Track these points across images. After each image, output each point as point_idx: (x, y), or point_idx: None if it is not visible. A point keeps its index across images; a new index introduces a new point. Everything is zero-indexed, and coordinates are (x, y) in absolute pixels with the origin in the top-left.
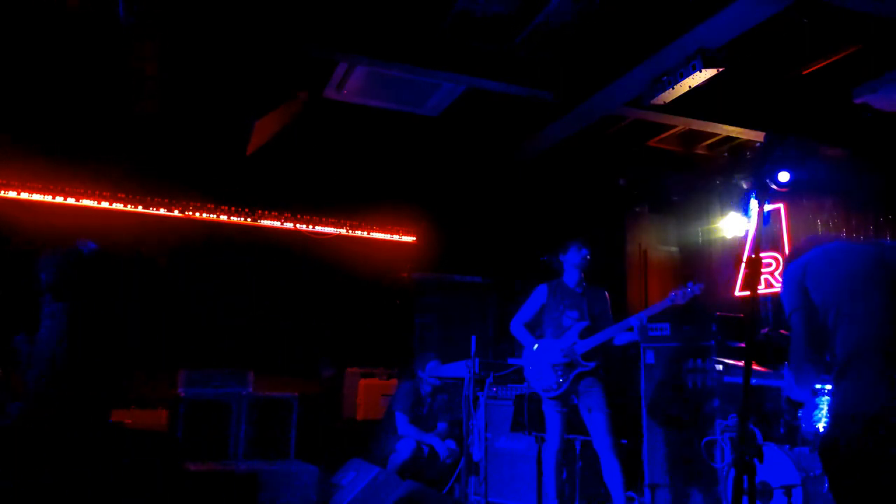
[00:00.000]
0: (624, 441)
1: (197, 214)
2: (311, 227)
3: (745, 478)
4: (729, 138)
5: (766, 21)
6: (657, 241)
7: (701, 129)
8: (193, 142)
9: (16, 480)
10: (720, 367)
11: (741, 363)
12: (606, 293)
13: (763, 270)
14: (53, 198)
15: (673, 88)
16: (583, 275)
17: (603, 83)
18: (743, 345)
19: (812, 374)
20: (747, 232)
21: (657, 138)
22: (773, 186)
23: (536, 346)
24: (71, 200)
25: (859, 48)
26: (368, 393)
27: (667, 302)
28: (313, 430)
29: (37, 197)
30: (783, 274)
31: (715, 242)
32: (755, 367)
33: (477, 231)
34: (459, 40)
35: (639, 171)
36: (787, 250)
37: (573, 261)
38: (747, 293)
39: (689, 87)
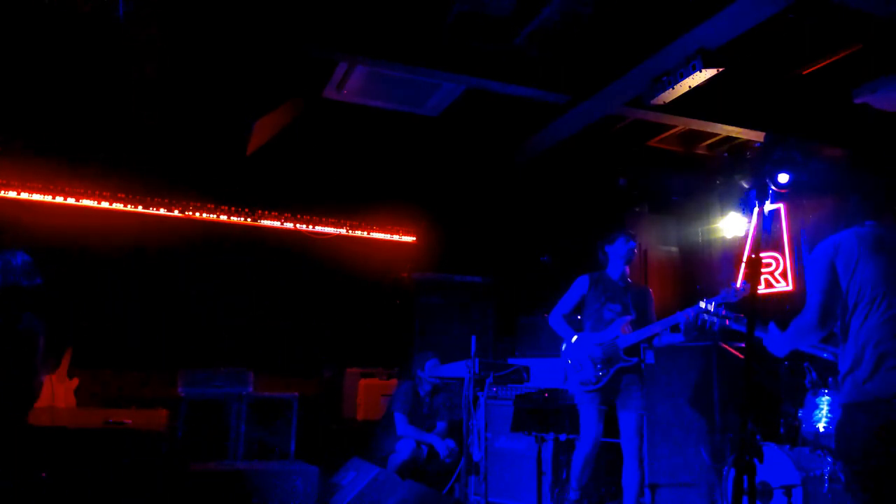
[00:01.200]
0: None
1: (197, 214)
2: (311, 227)
3: (745, 478)
4: (729, 138)
5: (766, 21)
6: (657, 241)
7: (701, 129)
8: (193, 142)
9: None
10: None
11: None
12: (651, 291)
13: (763, 270)
14: (53, 198)
15: (673, 88)
16: (628, 268)
17: (603, 83)
18: (743, 345)
19: (804, 347)
20: (747, 232)
21: (657, 138)
22: (773, 188)
23: (575, 337)
24: (71, 200)
25: (859, 48)
26: (368, 393)
27: (719, 298)
28: (313, 430)
29: (37, 197)
30: (814, 251)
31: (715, 242)
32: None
33: (477, 231)
34: (460, 40)
35: (639, 171)
36: (787, 250)
37: (620, 252)
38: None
39: (689, 87)
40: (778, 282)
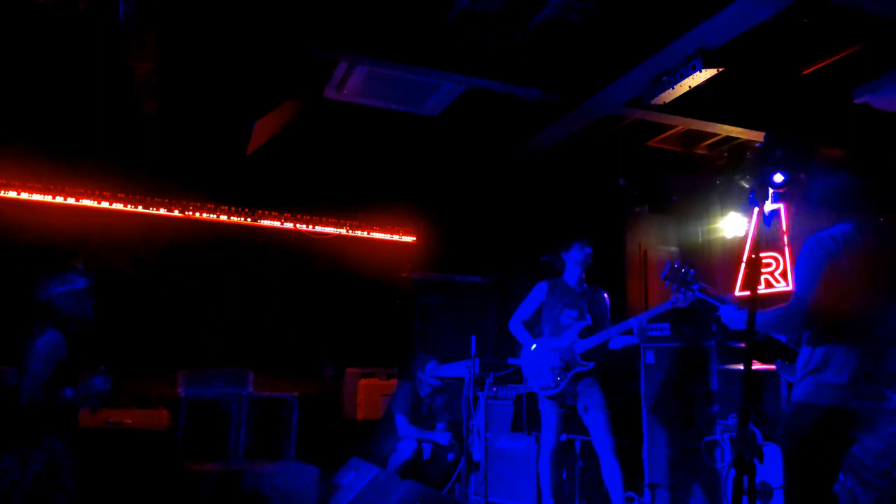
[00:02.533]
0: (626, 441)
1: (197, 214)
2: (311, 227)
3: (745, 478)
4: (729, 138)
5: (766, 21)
6: (657, 241)
7: (701, 129)
8: (193, 142)
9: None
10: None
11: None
12: (606, 294)
13: (763, 270)
14: (53, 198)
15: (673, 88)
16: (584, 274)
17: (603, 83)
18: (743, 345)
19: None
20: (747, 232)
21: (657, 138)
22: (772, 188)
23: (534, 345)
24: (71, 200)
25: (859, 48)
26: (368, 393)
27: (667, 304)
28: (313, 430)
29: (37, 197)
30: (808, 242)
31: (715, 242)
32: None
33: (477, 231)
34: (460, 40)
35: (639, 171)
36: (787, 250)
37: (576, 258)
38: (747, 293)
39: (689, 87)
40: (778, 282)
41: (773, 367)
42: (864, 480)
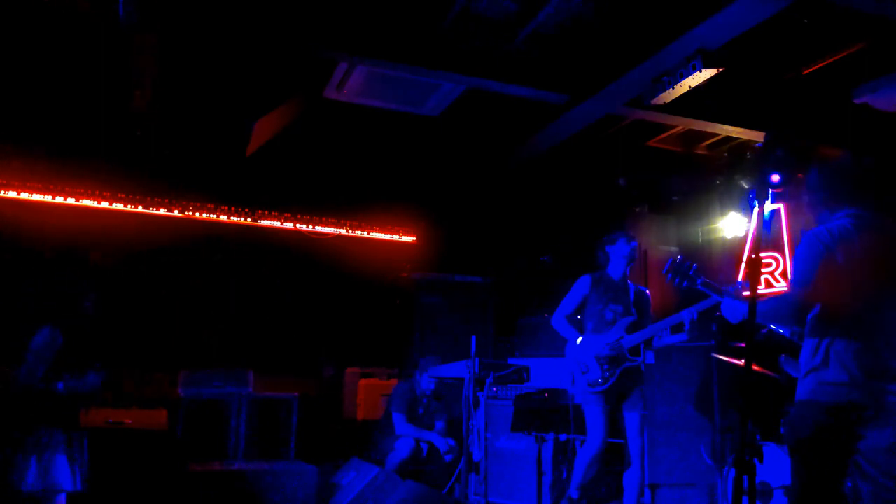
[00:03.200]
0: (623, 441)
1: (197, 214)
2: (311, 227)
3: (745, 478)
4: (729, 138)
5: (766, 21)
6: (657, 241)
7: (701, 129)
8: (193, 142)
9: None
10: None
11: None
12: (649, 293)
13: (763, 270)
14: (53, 198)
15: (673, 88)
16: (629, 269)
17: (603, 83)
18: (743, 345)
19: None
20: (747, 232)
21: (657, 138)
22: (772, 189)
23: (580, 339)
24: (71, 200)
25: (859, 48)
26: (368, 393)
27: (716, 299)
28: (313, 430)
29: (37, 197)
30: (806, 236)
31: (715, 242)
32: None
33: (477, 231)
34: (459, 40)
35: (639, 171)
36: (787, 250)
37: (622, 252)
38: (747, 293)
39: (689, 87)
40: (778, 282)
41: (771, 374)
42: (868, 477)
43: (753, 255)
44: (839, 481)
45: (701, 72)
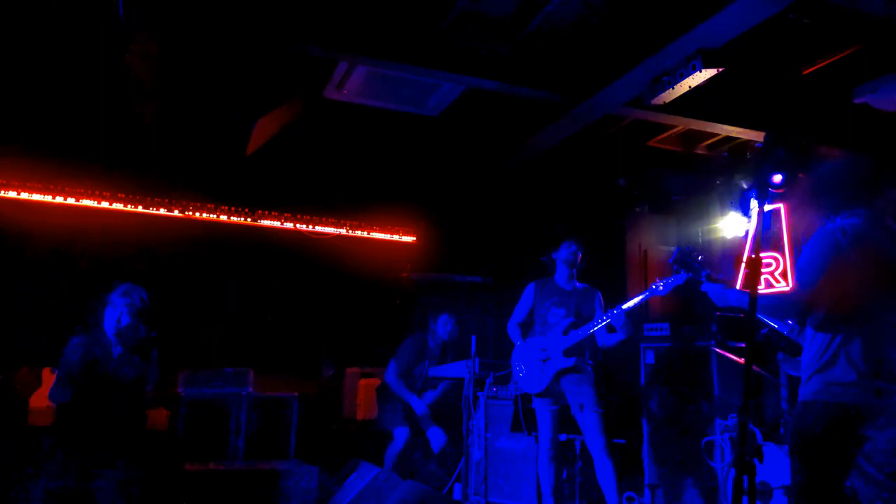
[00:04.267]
0: (622, 441)
1: (197, 214)
2: (311, 227)
3: (745, 478)
4: (729, 138)
5: (766, 21)
6: (657, 241)
7: (701, 129)
8: (193, 142)
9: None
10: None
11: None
12: (600, 294)
13: (763, 270)
14: (53, 198)
15: (673, 88)
16: (574, 272)
17: (603, 83)
18: (743, 345)
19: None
20: (747, 232)
21: (657, 138)
22: (772, 189)
23: (519, 343)
24: (71, 200)
25: (859, 48)
26: (368, 393)
27: (646, 293)
28: (313, 430)
29: (37, 197)
30: (817, 233)
31: (715, 242)
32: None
33: (477, 231)
34: (459, 40)
35: (639, 171)
36: (787, 250)
37: (562, 257)
38: (747, 293)
39: (689, 87)
40: (778, 282)
41: (771, 374)
42: (869, 478)
43: (753, 255)
44: (842, 482)
45: (701, 72)
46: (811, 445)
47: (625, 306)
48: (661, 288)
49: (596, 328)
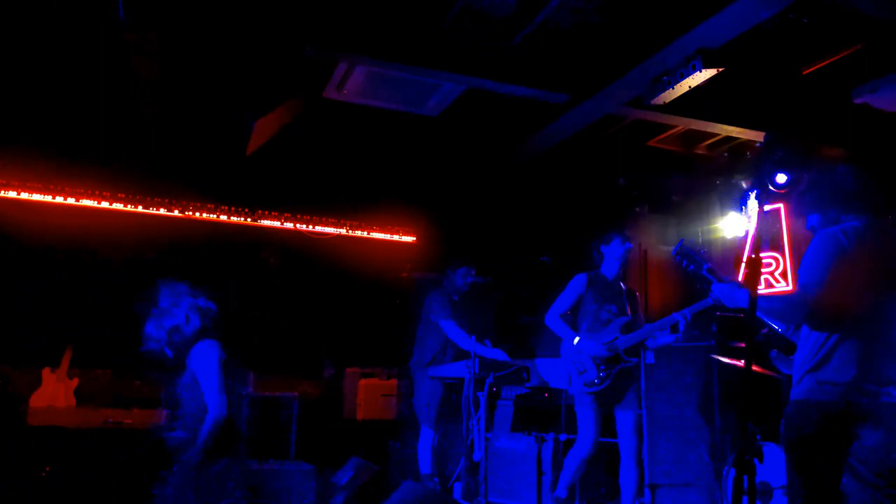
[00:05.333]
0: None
1: (197, 214)
2: (311, 227)
3: (745, 478)
4: (729, 138)
5: (766, 21)
6: (657, 241)
7: (701, 129)
8: (193, 142)
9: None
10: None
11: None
12: (638, 293)
13: (763, 270)
14: (53, 198)
15: (673, 88)
16: (622, 270)
17: (603, 83)
18: (743, 345)
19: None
20: (747, 232)
21: (657, 138)
22: (772, 188)
23: (577, 339)
24: (71, 200)
25: (859, 48)
26: (368, 393)
27: (709, 301)
28: (313, 430)
29: (37, 197)
30: (820, 235)
31: (715, 242)
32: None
33: (477, 231)
34: (460, 40)
35: (639, 171)
36: (787, 250)
37: (616, 253)
38: (747, 293)
39: (689, 87)
40: (778, 282)
41: (771, 374)
42: (859, 476)
43: (753, 255)
44: (835, 481)
45: (701, 72)
46: (803, 444)
47: (693, 311)
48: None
49: (663, 327)
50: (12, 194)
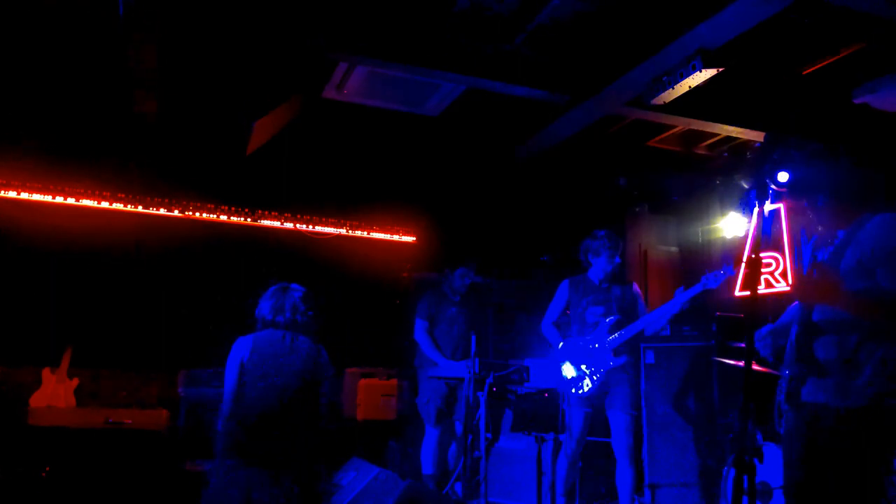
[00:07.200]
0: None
1: (197, 214)
2: (311, 227)
3: (745, 478)
4: (729, 138)
5: (766, 21)
6: (657, 241)
7: (701, 129)
8: (193, 142)
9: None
10: None
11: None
12: (636, 285)
13: (763, 270)
14: (53, 198)
15: (673, 88)
16: (610, 272)
17: (603, 83)
18: (743, 345)
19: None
20: (747, 232)
21: (657, 138)
22: (773, 187)
23: (562, 343)
24: (71, 200)
25: (859, 48)
26: (368, 393)
27: (699, 287)
28: None
29: (37, 197)
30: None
31: (715, 242)
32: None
33: (477, 231)
34: (459, 40)
35: (639, 171)
36: (787, 250)
37: (603, 266)
38: (747, 293)
39: (689, 87)
40: (778, 282)
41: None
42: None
43: (753, 255)
44: (860, 490)
45: (701, 72)
46: (825, 452)
47: (682, 300)
48: (712, 281)
49: (646, 324)
50: (12, 194)
